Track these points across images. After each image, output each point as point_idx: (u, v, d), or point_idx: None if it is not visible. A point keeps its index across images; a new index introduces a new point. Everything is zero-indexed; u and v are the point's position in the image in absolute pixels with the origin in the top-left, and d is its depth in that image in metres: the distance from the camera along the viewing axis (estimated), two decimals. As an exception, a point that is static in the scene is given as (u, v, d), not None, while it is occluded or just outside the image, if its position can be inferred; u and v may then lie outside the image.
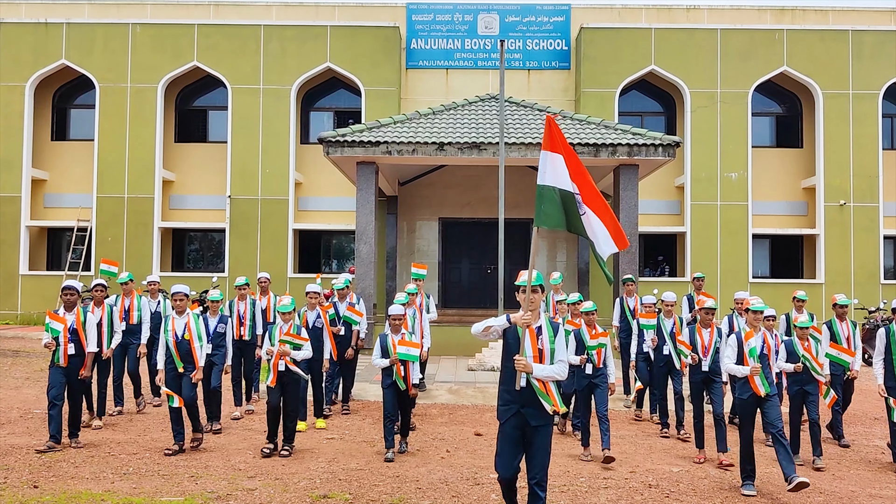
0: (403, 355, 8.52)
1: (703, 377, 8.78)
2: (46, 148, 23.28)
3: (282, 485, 7.22)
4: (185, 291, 8.94)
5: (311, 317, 10.25)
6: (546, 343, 5.68)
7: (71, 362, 8.52)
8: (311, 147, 22.49)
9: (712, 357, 8.70)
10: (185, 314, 8.79)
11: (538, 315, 5.75)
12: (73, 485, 7.01)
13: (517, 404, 5.63)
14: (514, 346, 5.66)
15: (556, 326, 5.78)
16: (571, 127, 16.53)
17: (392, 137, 15.72)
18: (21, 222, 22.20)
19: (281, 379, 8.46)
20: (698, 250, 21.74)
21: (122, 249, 21.83)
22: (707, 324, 8.83)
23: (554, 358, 5.66)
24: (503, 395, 5.76)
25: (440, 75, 23.03)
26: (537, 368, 5.54)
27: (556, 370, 5.62)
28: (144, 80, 22.16)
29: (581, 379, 8.91)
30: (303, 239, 23.21)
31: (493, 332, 5.66)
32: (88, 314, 8.79)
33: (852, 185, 21.83)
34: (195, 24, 22.29)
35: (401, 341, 8.65)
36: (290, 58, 22.13)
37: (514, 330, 5.67)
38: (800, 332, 8.69)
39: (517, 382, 5.58)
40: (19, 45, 22.33)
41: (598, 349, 8.78)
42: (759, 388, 7.40)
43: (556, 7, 23.26)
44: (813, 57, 22.05)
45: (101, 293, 10.02)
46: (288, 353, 8.47)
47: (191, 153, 23.17)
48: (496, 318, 5.72)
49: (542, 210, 5.83)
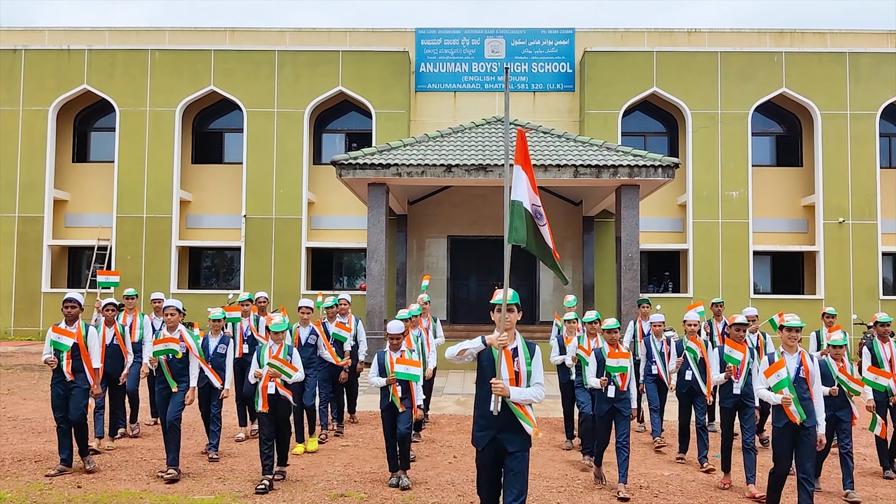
0: (402, 374, 7.94)
1: (736, 401, 8.14)
2: (68, 169, 24.10)
3: (302, 486, 7.83)
4: (178, 306, 8.37)
5: (303, 333, 9.76)
6: (522, 365, 5.47)
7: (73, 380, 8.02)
8: (324, 167, 23.24)
9: (745, 378, 8.07)
10: (177, 330, 8.23)
11: (514, 335, 5.51)
12: (112, 485, 7.64)
13: (493, 430, 5.41)
14: (488, 369, 5.46)
15: (533, 347, 5.55)
16: (574, 149, 17.20)
17: (402, 160, 16.42)
18: (43, 241, 22.98)
19: (271, 403, 7.85)
20: (700, 267, 22.32)
21: (141, 268, 22.57)
22: (739, 341, 8.11)
23: (531, 380, 5.45)
24: (478, 421, 5.53)
25: (448, 98, 23.76)
26: (514, 391, 5.33)
27: (534, 393, 5.40)
28: (163, 104, 22.98)
29: (602, 404, 8.11)
30: (315, 256, 23.91)
31: (468, 354, 5.42)
32: (90, 328, 8.28)
33: (851, 202, 22.39)
34: (212, 50, 23.12)
35: (399, 359, 8.04)
36: (304, 82, 22.91)
37: (488, 352, 5.47)
38: (834, 352, 7.93)
39: (493, 406, 5.36)
40: (43, 71, 23.19)
41: (622, 373, 7.99)
42: (795, 416, 6.69)
43: (561, 31, 23.99)
44: (811, 78, 22.69)
45: (111, 312, 9.51)
46: (278, 375, 7.84)
47: (207, 174, 23.95)
48: (470, 341, 5.47)
49: (513, 226, 5.67)
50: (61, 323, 8.16)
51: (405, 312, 9.92)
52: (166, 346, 8.04)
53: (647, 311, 11.66)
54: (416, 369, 7.98)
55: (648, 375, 10.25)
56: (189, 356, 8.24)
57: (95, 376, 8.24)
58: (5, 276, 22.87)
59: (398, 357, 8.09)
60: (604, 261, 22.04)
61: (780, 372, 6.70)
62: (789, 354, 7.00)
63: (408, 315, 9.89)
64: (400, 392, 8.04)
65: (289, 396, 8.02)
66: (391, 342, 8.20)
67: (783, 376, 6.68)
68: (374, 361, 8.23)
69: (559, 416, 12.32)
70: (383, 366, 8.11)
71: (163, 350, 8.04)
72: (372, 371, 8.19)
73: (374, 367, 8.18)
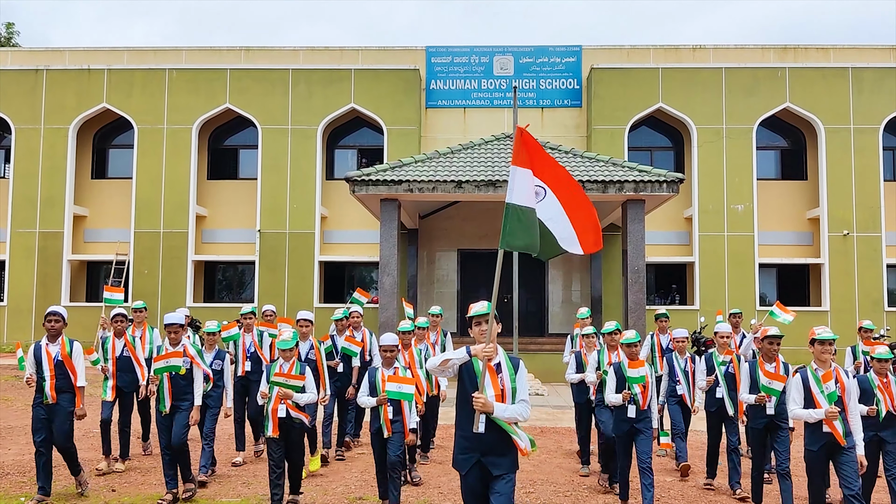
0: (393, 394, 7.22)
1: (767, 422, 7.55)
2: (87, 186, 24.70)
3: (322, 490, 8.26)
4: (181, 321, 7.88)
5: (303, 349, 9.15)
6: (507, 381, 5.18)
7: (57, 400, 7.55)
8: (336, 183, 23.76)
9: (778, 398, 7.49)
10: (181, 344, 7.83)
11: (496, 349, 5.20)
12: (144, 489, 8.12)
13: (477, 453, 5.12)
14: (470, 384, 5.16)
15: (516, 362, 5.30)
16: (581, 165, 17.64)
17: (413, 176, 16.89)
18: (63, 256, 23.55)
19: (282, 427, 7.26)
20: (707, 279, 22.68)
21: (158, 282, 23.11)
22: (771, 357, 7.58)
23: (515, 397, 5.17)
24: (460, 443, 5.21)
25: (458, 114, 24.26)
26: (499, 408, 5.05)
27: (518, 410, 5.11)
28: (180, 122, 23.56)
29: (621, 423, 7.66)
30: (328, 270, 24.39)
31: (450, 366, 5.15)
32: (75, 344, 7.76)
33: (855, 215, 22.73)
34: (227, 69, 23.72)
35: (391, 376, 7.35)
36: (317, 99, 23.47)
37: (470, 367, 5.18)
38: (878, 366, 7.24)
39: (476, 425, 5.07)
40: (63, 90, 23.83)
41: (642, 384, 7.54)
42: (839, 430, 6.35)
43: (568, 49, 24.48)
44: (815, 93, 23.08)
45: (120, 324, 9.19)
46: (289, 396, 7.24)
47: (223, 190, 24.51)
48: (454, 352, 5.20)
49: (508, 230, 5.36)
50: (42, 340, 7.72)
51: (407, 324, 9.24)
52: (167, 362, 7.64)
53: (665, 325, 10.99)
54: (408, 387, 7.27)
55: (671, 396, 9.29)
56: (193, 371, 7.87)
57: (81, 396, 7.69)
58: (26, 290, 23.43)
59: (391, 374, 7.42)
60: (611, 273, 22.42)
61: (829, 385, 6.38)
62: (822, 370, 6.58)
63: (410, 327, 9.16)
64: (391, 413, 7.37)
65: (304, 419, 7.46)
66: (384, 357, 7.53)
67: (831, 389, 6.36)
68: (364, 379, 7.58)
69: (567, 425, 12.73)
70: (374, 384, 7.44)
71: (164, 367, 7.64)
72: (362, 390, 7.53)
73: (363, 386, 7.53)
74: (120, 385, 9.12)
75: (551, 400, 15.68)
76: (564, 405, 14.95)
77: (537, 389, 16.38)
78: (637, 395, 7.53)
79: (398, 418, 7.42)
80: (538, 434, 11.94)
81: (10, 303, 23.48)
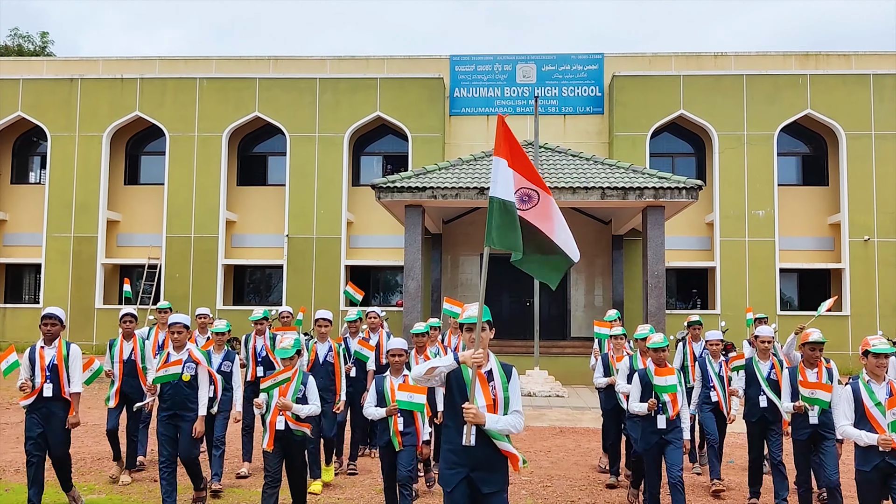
0: (404, 403, 6.60)
1: (812, 432, 6.95)
2: (120, 192, 25.41)
3: (350, 482, 8.67)
4: (185, 322, 7.48)
5: (321, 350, 8.74)
6: (499, 390, 4.87)
7: (48, 407, 7.10)
8: (362, 189, 24.28)
9: (825, 407, 6.84)
10: (185, 349, 7.36)
11: (487, 356, 4.89)
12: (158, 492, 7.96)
13: (466, 468, 4.77)
14: (459, 394, 4.84)
15: (509, 370, 4.98)
16: (602, 172, 17.99)
17: (437, 183, 17.34)
18: (97, 260, 24.24)
19: (281, 440, 6.73)
20: (728, 284, 22.89)
21: (189, 285, 23.74)
22: (813, 363, 7.02)
23: (509, 408, 4.86)
24: (448, 457, 4.85)
25: (481, 121, 24.69)
26: (490, 419, 4.73)
27: (512, 422, 4.79)
28: (210, 130, 24.20)
29: (649, 435, 7.13)
30: (354, 274, 24.89)
31: (437, 374, 4.80)
32: (72, 347, 7.31)
33: (876, 221, 22.84)
34: (256, 78, 24.33)
35: (402, 385, 6.77)
36: (343, 108, 24.01)
37: (459, 374, 4.87)
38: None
39: (466, 437, 4.72)
40: (97, 98, 24.57)
41: (672, 393, 7.01)
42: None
43: (590, 56, 24.83)
44: (836, 100, 23.24)
45: (129, 325, 8.78)
46: (288, 408, 6.69)
47: (252, 196, 25.11)
48: (441, 359, 4.91)
49: (493, 226, 5.04)
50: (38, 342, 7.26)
51: (421, 326, 8.72)
52: (166, 371, 7.08)
53: (698, 333, 10.18)
54: (420, 397, 6.59)
55: (705, 404, 8.74)
56: (199, 378, 7.32)
57: (75, 403, 7.23)
58: (62, 293, 24.15)
59: (400, 383, 6.87)
60: (633, 278, 22.70)
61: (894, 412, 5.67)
62: (876, 385, 5.90)
63: (425, 328, 8.62)
64: (402, 425, 6.84)
65: (305, 430, 6.89)
66: (392, 363, 7.08)
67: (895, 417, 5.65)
68: (371, 388, 7.07)
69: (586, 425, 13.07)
70: (382, 394, 6.90)
71: (164, 377, 7.10)
72: (369, 400, 6.98)
73: (370, 396, 6.99)
74: (126, 391, 8.69)
75: (571, 401, 16.02)
76: (584, 406, 15.30)
77: (557, 391, 16.73)
78: (667, 403, 6.98)
79: (410, 430, 6.88)
80: (557, 434, 12.30)
81: (45, 304, 24.15)
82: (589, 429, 12.65)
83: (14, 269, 25.92)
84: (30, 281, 26.14)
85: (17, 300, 25.73)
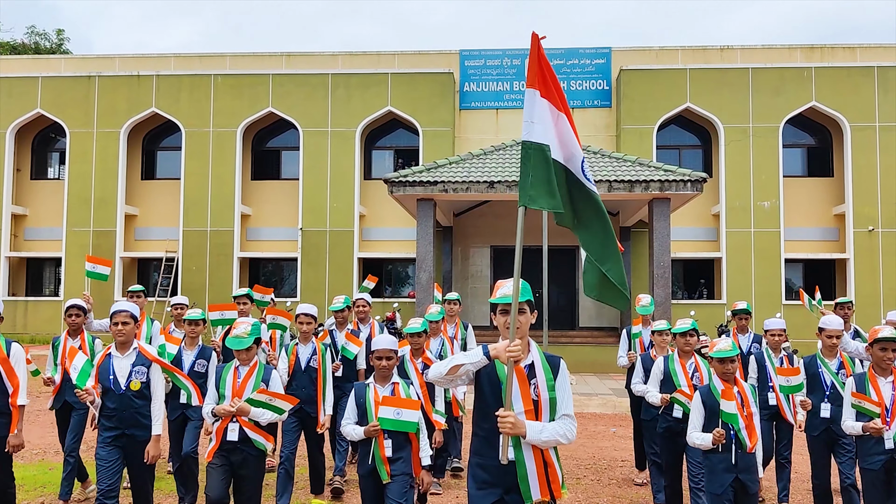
0: (390, 422, 5.00)
1: (887, 459, 5.29)
2: (137, 186, 25.97)
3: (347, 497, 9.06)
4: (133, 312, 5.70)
5: (303, 353, 7.21)
6: (543, 389, 3.79)
7: None
8: (374, 183, 24.75)
9: None
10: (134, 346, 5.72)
11: (527, 347, 3.87)
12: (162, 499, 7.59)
13: (499, 487, 3.77)
14: (491, 396, 3.81)
15: (556, 363, 3.88)
16: (609, 165, 18.39)
17: (448, 177, 17.78)
18: (115, 253, 24.82)
19: (229, 455, 5.24)
20: (734, 275, 23.28)
21: (205, 278, 24.30)
22: (886, 369, 5.43)
23: (555, 412, 3.78)
24: (477, 474, 3.86)
25: (491, 115, 25.11)
26: (532, 429, 3.67)
27: (560, 430, 3.72)
28: (225, 125, 24.72)
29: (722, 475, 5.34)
30: (366, 266, 25.39)
31: (463, 373, 3.77)
32: (13, 345, 5.82)
33: (880, 211, 23.17)
34: (270, 74, 24.82)
35: (387, 398, 5.10)
36: (355, 102, 24.47)
37: (492, 371, 3.83)
38: None
39: (502, 454, 3.69)
40: (115, 95, 25.11)
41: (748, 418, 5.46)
42: None
43: (598, 50, 25.19)
44: (840, 92, 23.54)
45: (76, 319, 7.25)
46: (245, 413, 5.17)
47: (266, 189, 25.63)
48: (467, 353, 3.80)
49: (529, 181, 3.97)
50: None
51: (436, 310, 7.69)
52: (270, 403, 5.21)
53: (745, 325, 8.62)
54: (412, 413, 5.04)
55: (763, 409, 7.17)
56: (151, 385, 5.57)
57: (19, 416, 5.72)
58: (81, 286, 24.69)
59: (386, 395, 5.19)
60: (640, 269, 23.11)
61: None
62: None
63: (422, 327, 6.91)
64: (390, 448, 5.08)
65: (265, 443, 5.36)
66: (377, 367, 5.32)
67: None
68: (350, 399, 5.35)
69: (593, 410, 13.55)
70: (364, 407, 5.22)
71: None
72: (347, 415, 5.29)
73: (349, 409, 5.31)
74: (71, 400, 7.08)
75: (579, 388, 16.47)
76: (591, 392, 15.76)
77: (567, 379, 17.14)
78: (741, 432, 5.18)
79: (401, 455, 5.13)
80: (566, 419, 12.73)
81: (66, 297, 24.79)
82: (595, 413, 13.15)
83: (35, 262, 26.56)
84: (50, 274, 26.77)
85: (38, 293, 26.38)
